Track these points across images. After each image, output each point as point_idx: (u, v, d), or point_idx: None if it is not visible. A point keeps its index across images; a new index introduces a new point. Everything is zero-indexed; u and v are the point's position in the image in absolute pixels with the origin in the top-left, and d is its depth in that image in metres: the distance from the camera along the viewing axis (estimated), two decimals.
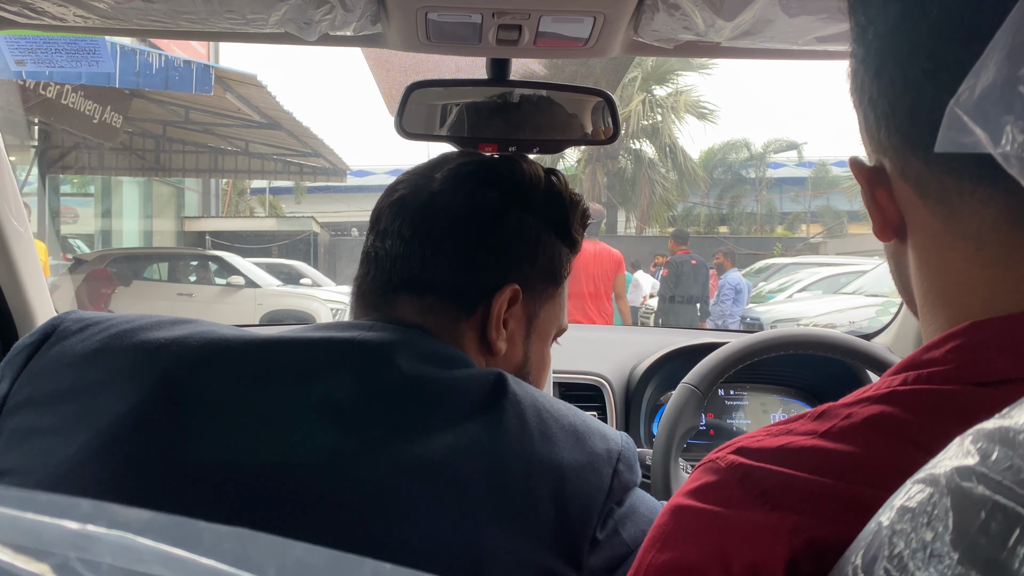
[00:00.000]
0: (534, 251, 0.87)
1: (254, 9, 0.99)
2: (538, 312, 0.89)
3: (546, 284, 0.89)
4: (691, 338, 1.64)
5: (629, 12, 1.02)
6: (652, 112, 21.87)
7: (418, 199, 0.86)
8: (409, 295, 0.83)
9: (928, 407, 0.49)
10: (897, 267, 0.61)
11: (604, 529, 0.69)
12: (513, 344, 0.86)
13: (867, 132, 0.57)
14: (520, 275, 0.86)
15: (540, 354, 0.92)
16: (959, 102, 0.47)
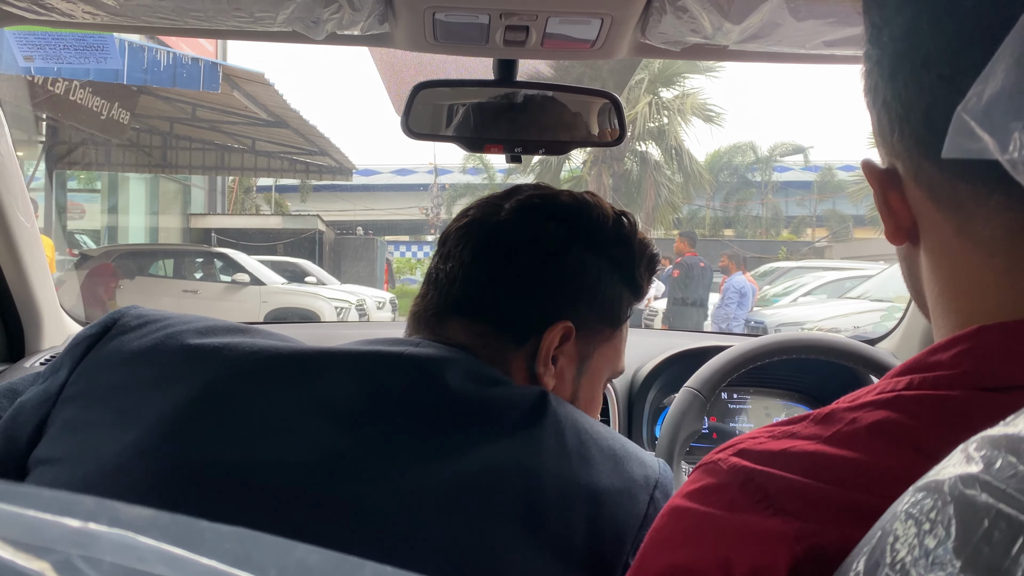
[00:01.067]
0: (593, 290, 0.86)
1: (262, 7, 0.99)
2: (591, 353, 0.88)
3: (603, 325, 0.88)
4: (695, 341, 1.64)
5: (636, 14, 1.02)
6: (658, 114, 21.84)
7: (484, 225, 0.87)
8: (461, 319, 0.83)
9: (934, 413, 0.49)
10: (909, 270, 0.60)
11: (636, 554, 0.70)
12: (562, 381, 0.85)
13: (880, 134, 0.57)
14: (576, 313, 0.84)
15: (590, 395, 0.90)
16: (967, 108, 0.47)
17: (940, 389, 0.50)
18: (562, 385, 0.85)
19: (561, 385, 0.85)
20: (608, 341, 0.89)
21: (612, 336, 0.89)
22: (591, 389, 0.89)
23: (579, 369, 0.87)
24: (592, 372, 0.88)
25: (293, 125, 12.63)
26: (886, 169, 0.57)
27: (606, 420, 1.50)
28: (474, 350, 0.80)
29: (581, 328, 0.84)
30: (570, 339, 0.84)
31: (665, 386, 1.56)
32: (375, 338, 0.79)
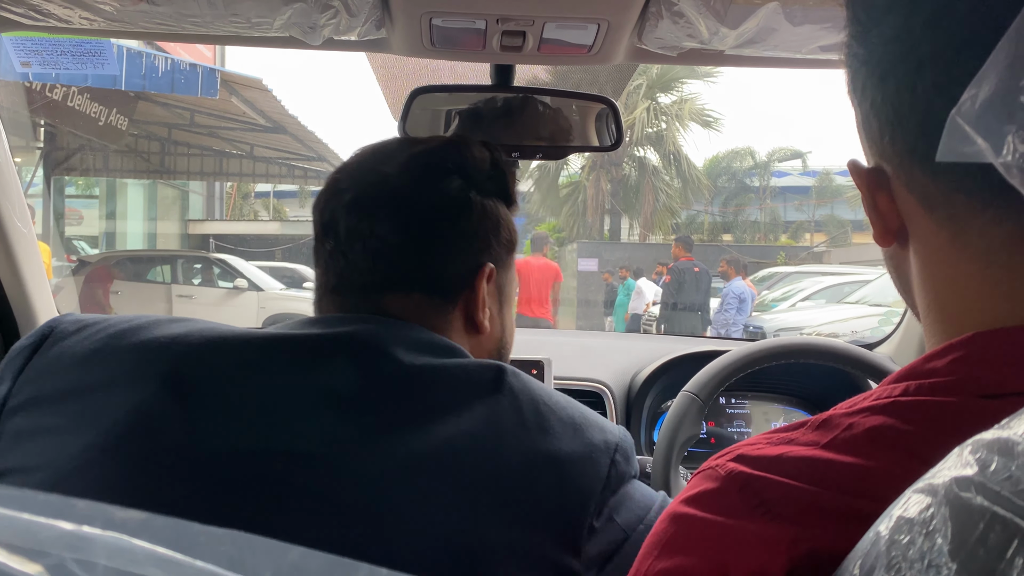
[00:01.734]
0: (496, 228, 0.88)
1: (259, 13, 0.99)
2: (505, 282, 0.91)
3: (508, 254, 0.91)
4: (692, 346, 1.64)
5: (633, 19, 1.02)
6: (656, 120, 21.88)
7: (379, 198, 0.84)
8: (395, 293, 0.83)
9: (930, 419, 0.49)
10: (897, 271, 0.60)
11: (600, 517, 0.70)
12: (492, 320, 0.88)
13: (868, 135, 0.56)
14: (492, 254, 0.87)
15: (510, 321, 0.94)
16: (961, 111, 0.47)
17: (936, 395, 0.50)
18: (493, 324, 0.88)
19: (492, 324, 0.88)
20: (510, 266, 0.93)
21: (511, 259, 0.93)
22: (510, 314, 0.94)
23: (500, 302, 0.91)
24: (508, 299, 0.93)
25: (291, 131, 12.64)
26: (874, 170, 0.56)
27: None
28: (417, 321, 0.80)
29: (498, 265, 0.88)
30: (492, 279, 0.87)
31: (663, 391, 1.56)
32: (320, 317, 0.82)
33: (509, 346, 0.96)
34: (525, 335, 1.87)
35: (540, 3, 0.98)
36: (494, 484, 0.67)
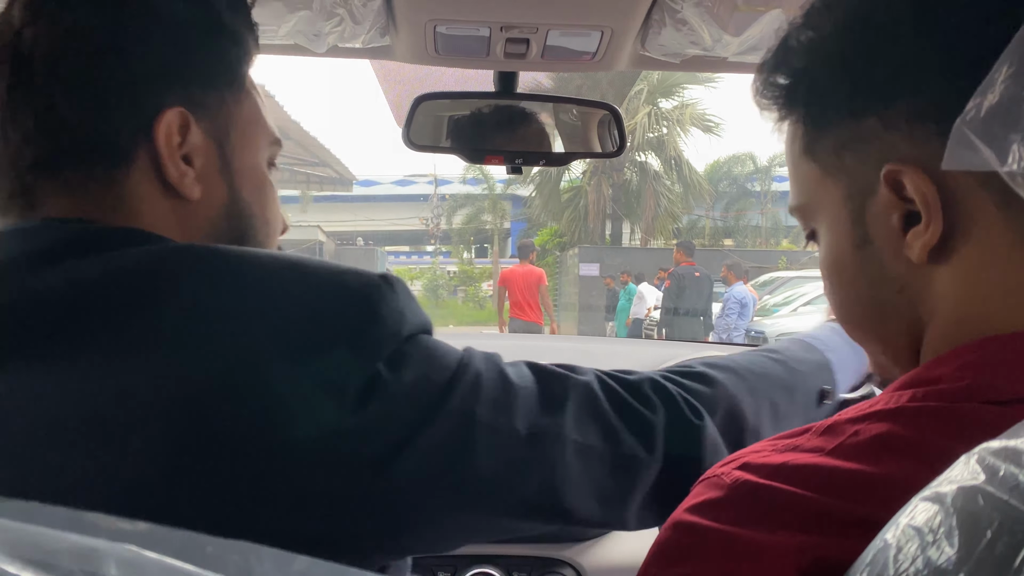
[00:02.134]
0: (181, 61, 0.68)
1: (264, 20, 1.00)
2: (228, 131, 0.71)
3: (222, 93, 0.71)
4: (696, 351, 1.63)
5: (636, 27, 1.03)
6: (658, 125, 21.90)
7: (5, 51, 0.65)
8: (39, 179, 0.65)
9: (938, 425, 0.48)
10: (901, 294, 0.56)
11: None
12: (210, 182, 0.69)
13: (912, 135, 0.53)
14: (179, 95, 0.67)
15: (255, 181, 0.74)
16: (966, 120, 0.47)
17: (944, 401, 0.49)
18: (214, 182, 0.70)
19: (211, 187, 0.70)
20: (240, 108, 0.72)
21: (242, 100, 0.73)
22: (251, 168, 0.73)
23: (222, 158, 0.70)
24: (242, 150, 0.72)
25: (294, 136, 12.67)
26: (934, 170, 0.52)
27: None
28: (71, 210, 0.65)
29: (198, 109, 0.68)
30: (189, 127, 0.67)
31: None
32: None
33: (260, 213, 0.74)
34: (525, 340, 1.87)
35: (544, 11, 0.98)
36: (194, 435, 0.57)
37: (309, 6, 0.96)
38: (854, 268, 0.59)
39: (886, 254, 0.56)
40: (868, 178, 0.55)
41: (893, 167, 0.53)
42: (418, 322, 0.65)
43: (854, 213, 0.57)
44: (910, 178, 0.52)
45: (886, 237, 0.55)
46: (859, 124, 0.55)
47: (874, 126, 0.55)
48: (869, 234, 0.57)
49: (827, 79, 0.57)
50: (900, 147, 0.53)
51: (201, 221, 0.69)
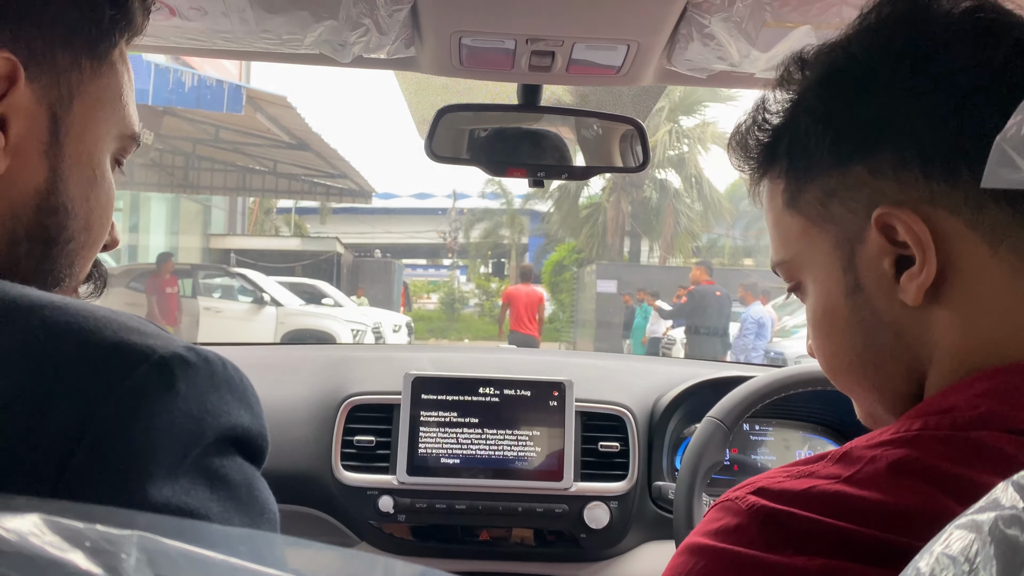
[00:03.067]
0: (43, 2, 0.54)
1: (290, 30, 1.00)
2: (70, 103, 0.56)
3: (77, 55, 0.57)
4: (716, 371, 1.62)
5: (663, 41, 1.02)
6: (679, 142, 21.91)
7: None
8: None
9: (956, 453, 0.48)
10: (898, 338, 0.57)
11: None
12: (26, 158, 0.54)
13: (898, 181, 0.54)
14: (9, 37, 0.53)
15: (88, 174, 0.58)
16: (1006, 138, 0.46)
17: (959, 430, 0.49)
18: (32, 161, 0.55)
19: (30, 161, 0.54)
20: (96, 82, 0.58)
21: (102, 73, 0.59)
22: (87, 157, 0.58)
23: (52, 133, 0.56)
24: (82, 131, 0.57)
25: (315, 148, 12.77)
26: (923, 213, 0.54)
27: (625, 448, 1.49)
28: None
29: (32, 61, 0.54)
30: (18, 82, 0.52)
31: (686, 416, 1.54)
32: None
33: (84, 223, 0.58)
34: (543, 356, 1.87)
35: (570, 24, 0.98)
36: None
37: (335, 16, 0.96)
38: (846, 316, 0.59)
39: (879, 300, 0.56)
40: (857, 225, 0.56)
41: (883, 211, 0.54)
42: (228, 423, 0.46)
43: (843, 261, 0.58)
44: (902, 221, 0.53)
45: (878, 282, 0.56)
46: (845, 173, 0.56)
47: (860, 173, 0.56)
48: (860, 281, 0.57)
49: (809, 131, 0.58)
50: (888, 192, 0.55)
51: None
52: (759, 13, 0.94)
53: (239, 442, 0.47)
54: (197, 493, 0.43)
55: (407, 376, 1.46)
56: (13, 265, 0.53)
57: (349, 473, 1.44)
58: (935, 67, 0.53)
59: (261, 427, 0.49)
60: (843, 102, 0.56)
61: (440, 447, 1.44)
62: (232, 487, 0.45)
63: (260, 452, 0.49)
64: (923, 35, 0.54)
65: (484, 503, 1.43)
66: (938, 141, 0.52)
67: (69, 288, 0.60)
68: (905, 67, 0.54)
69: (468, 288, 27.09)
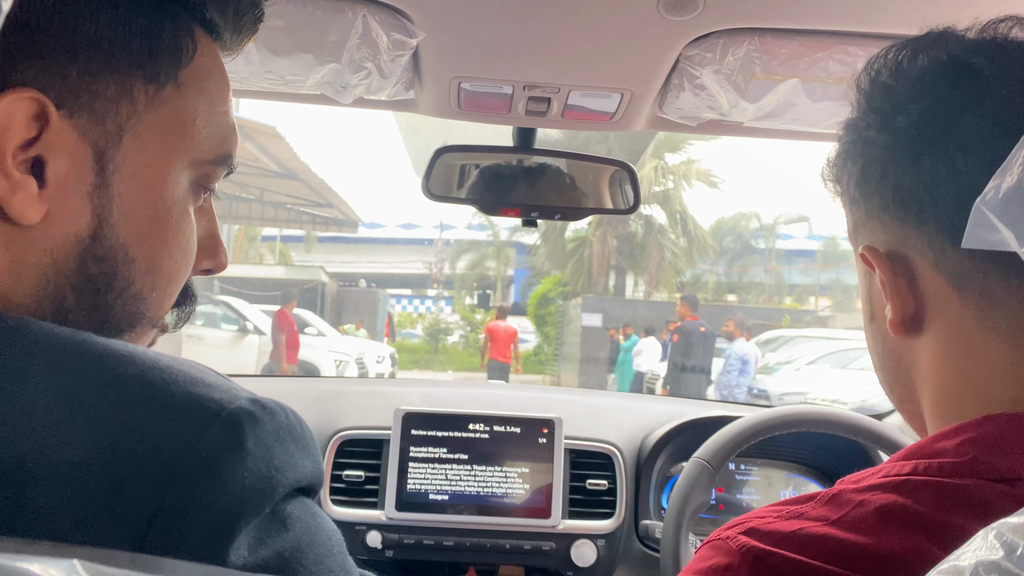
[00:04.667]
0: (74, 25, 0.48)
1: (293, 72, 1.02)
2: (119, 138, 0.50)
3: (124, 82, 0.50)
4: (703, 409, 1.64)
5: (656, 90, 1.05)
6: (664, 179, 22.07)
7: None
8: None
9: (943, 500, 0.49)
10: (898, 364, 0.61)
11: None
12: (66, 203, 0.49)
13: (883, 222, 0.58)
14: (46, 72, 0.47)
15: (147, 213, 0.52)
16: (985, 200, 0.48)
17: (947, 477, 0.50)
18: (74, 204, 0.49)
19: (71, 204, 0.49)
20: (157, 108, 0.52)
21: (165, 98, 0.52)
22: (146, 194, 0.52)
23: (99, 169, 0.50)
24: (138, 167, 0.51)
25: (302, 177, 12.78)
26: (895, 255, 0.58)
27: (613, 487, 1.49)
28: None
29: (66, 94, 0.48)
30: (49, 120, 0.47)
31: (673, 454, 1.55)
32: None
33: (152, 268, 0.53)
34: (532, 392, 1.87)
35: (567, 73, 1.01)
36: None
37: (339, 59, 0.99)
38: (870, 338, 0.64)
39: (883, 328, 0.60)
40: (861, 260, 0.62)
41: (864, 251, 0.59)
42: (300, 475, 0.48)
43: (866, 290, 0.63)
44: (875, 261, 0.58)
45: (881, 313, 0.60)
46: (856, 212, 0.62)
47: (862, 215, 0.61)
48: (873, 310, 0.63)
49: (840, 171, 0.64)
50: (877, 233, 0.59)
51: (39, 256, 0.48)
52: (749, 66, 0.97)
53: (303, 490, 0.49)
54: (271, 541, 0.44)
55: (398, 411, 1.46)
56: (62, 318, 0.49)
57: (338, 508, 1.44)
58: (903, 119, 0.56)
59: (320, 470, 0.50)
60: (850, 151, 0.61)
61: (429, 483, 1.45)
62: (301, 529, 0.47)
63: (319, 488, 0.51)
64: (897, 90, 0.58)
65: (472, 539, 1.43)
66: (909, 185, 0.55)
67: (145, 329, 0.56)
68: (889, 122, 0.57)
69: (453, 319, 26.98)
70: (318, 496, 0.52)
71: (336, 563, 0.48)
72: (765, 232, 27.14)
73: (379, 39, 0.95)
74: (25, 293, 0.48)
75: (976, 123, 0.52)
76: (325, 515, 0.50)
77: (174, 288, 0.57)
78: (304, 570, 0.45)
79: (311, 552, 0.47)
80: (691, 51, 0.96)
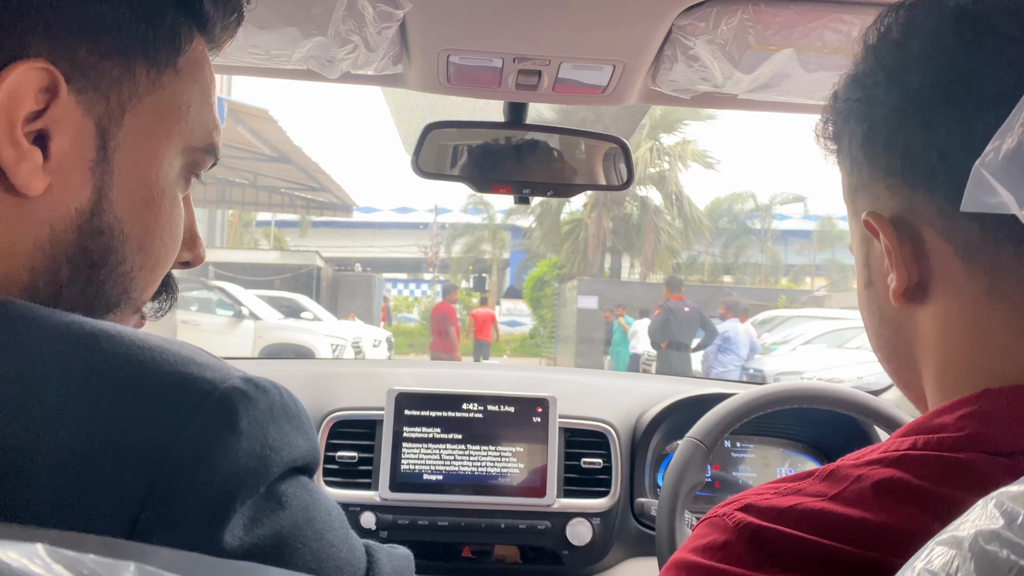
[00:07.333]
0: (86, 5, 0.50)
1: (278, 46, 1.00)
2: (121, 117, 0.52)
3: (127, 63, 0.52)
4: (697, 387, 1.63)
5: (648, 62, 1.03)
6: (659, 160, 22.05)
7: None
8: None
9: (941, 474, 0.49)
10: (897, 333, 0.59)
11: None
12: (69, 176, 0.50)
13: (888, 187, 0.56)
14: (51, 45, 0.48)
15: (143, 193, 0.54)
16: (985, 162, 0.47)
17: (945, 451, 0.50)
18: (76, 178, 0.50)
19: (74, 178, 0.50)
20: (156, 92, 0.54)
21: (163, 83, 0.54)
22: (143, 174, 0.54)
23: (103, 145, 0.51)
24: (137, 146, 0.53)
25: (296, 161, 12.75)
26: (901, 221, 0.56)
27: (608, 465, 1.49)
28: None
29: (76, 72, 0.49)
30: (58, 94, 0.48)
31: (668, 432, 1.55)
32: None
33: (138, 246, 0.54)
34: (526, 372, 1.87)
35: (557, 45, 0.99)
36: None
37: (324, 33, 0.97)
38: (866, 306, 0.63)
39: (882, 296, 0.59)
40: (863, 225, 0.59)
41: (868, 217, 0.57)
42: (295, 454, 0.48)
43: (864, 256, 0.61)
44: (880, 228, 0.56)
45: (880, 280, 0.59)
46: (858, 175, 0.59)
47: (865, 178, 0.58)
48: (871, 276, 0.61)
49: (841, 133, 0.61)
50: (880, 197, 0.57)
51: (37, 228, 0.49)
52: (743, 36, 0.95)
53: (298, 469, 0.48)
54: (267, 521, 0.44)
55: (391, 392, 1.46)
56: (56, 291, 0.50)
57: (331, 489, 1.44)
58: (916, 78, 0.54)
59: (316, 448, 0.50)
60: (853, 107, 0.58)
61: (423, 463, 1.44)
62: (297, 507, 0.47)
63: (315, 467, 0.51)
64: (910, 47, 0.55)
65: (467, 519, 1.43)
66: (920, 150, 0.53)
67: (127, 311, 0.56)
68: (897, 80, 0.55)
69: None
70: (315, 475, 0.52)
71: (338, 537, 0.49)
72: (761, 212, 27.16)
73: (365, 11, 0.93)
74: (20, 264, 0.49)
75: (996, 85, 0.50)
76: (323, 492, 0.50)
77: (159, 272, 0.58)
78: (304, 547, 0.45)
79: (309, 529, 0.46)
80: (684, 20, 0.94)
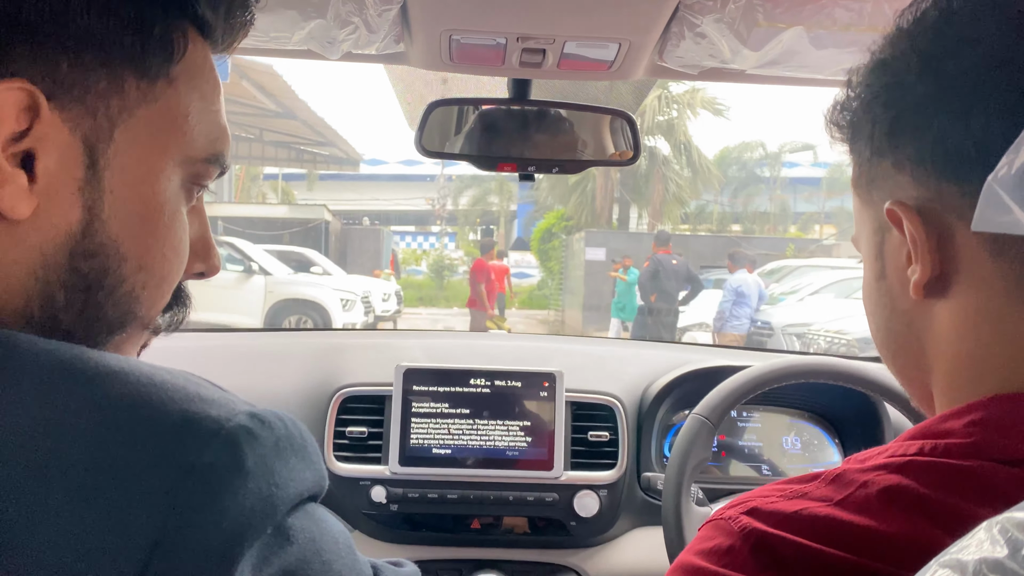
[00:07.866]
0: (65, 16, 0.47)
1: (278, 28, 0.99)
2: (110, 133, 0.50)
3: (114, 76, 0.49)
4: (705, 355, 1.63)
5: (655, 39, 1.01)
6: (667, 108, 21.78)
7: None
8: None
9: (948, 482, 0.48)
10: (909, 327, 0.58)
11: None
12: (57, 198, 0.48)
13: (915, 176, 0.54)
14: (36, 63, 0.46)
15: (138, 210, 0.52)
16: (997, 179, 0.46)
17: (953, 458, 0.49)
18: (65, 199, 0.48)
19: (62, 200, 0.48)
20: (145, 103, 0.51)
21: (156, 94, 0.52)
22: (138, 191, 0.51)
23: (90, 163, 0.49)
24: (129, 163, 0.51)
25: (301, 116, 12.68)
26: (928, 212, 0.53)
27: (615, 438, 1.50)
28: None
29: (58, 88, 0.47)
30: (40, 112, 0.46)
31: (674, 404, 1.55)
32: None
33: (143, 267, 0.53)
34: (533, 342, 1.87)
35: (562, 23, 0.97)
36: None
37: (324, 15, 0.95)
38: (875, 299, 0.61)
39: (896, 288, 0.58)
40: (885, 215, 0.57)
41: (892, 206, 0.55)
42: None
43: (877, 247, 0.60)
44: (906, 217, 0.54)
45: (897, 272, 0.57)
46: (880, 163, 0.57)
47: (888, 166, 0.56)
48: (885, 268, 0.59)
49: (860, 120, 0.59)
50: (904, 187, 0.55)
51: (28, 253, 0.47)
52: (751, 14, 0.93)
53: (305, 500, 0.48)
54: (276, 559, 0.44)
55: (399, 368, 1.46)
56: (52, 316, 0.48)
57: (342, 464, 1.45)
58: (956, 67, 0.51)
59: (323, 476, 0.50)
60: (879, 94, 0.57)
61: (432, 438, 1.45)
62: (305, 540, 0.46)
63: (322, 492, 0.50)
64: (948, 32, 0.53)
65: (475, 492, 1.44)
66: (954, 140, 0.51)
67: (135, 330, 0.55)
68: (932, 64, 0.53)
69: (457, 255, 26.99)
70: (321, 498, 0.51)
71: (345, 565, 0.48)
72: (770, 161, 26.89)
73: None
74: (14, 291, 0.47)
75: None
76: (330, 519, 0.50)
77: (166, 288, 0.56)
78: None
79: (317, 561, 0.46)
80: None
